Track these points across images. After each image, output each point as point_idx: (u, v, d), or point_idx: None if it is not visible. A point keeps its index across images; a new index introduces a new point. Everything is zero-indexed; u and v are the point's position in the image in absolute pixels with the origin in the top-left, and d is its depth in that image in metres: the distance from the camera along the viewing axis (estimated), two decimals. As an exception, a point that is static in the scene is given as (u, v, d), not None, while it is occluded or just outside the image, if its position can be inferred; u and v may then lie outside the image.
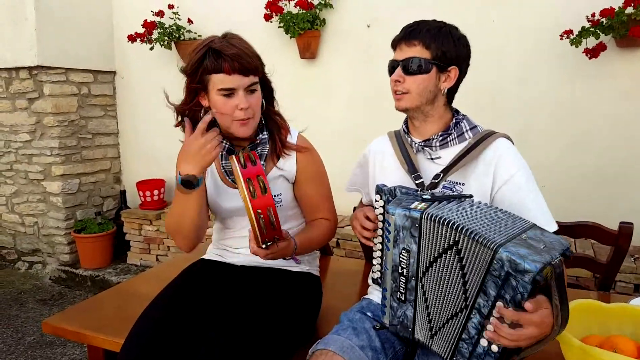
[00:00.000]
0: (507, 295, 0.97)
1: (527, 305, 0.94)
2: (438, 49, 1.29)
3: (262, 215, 1.20)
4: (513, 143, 1.37)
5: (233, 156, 1.27)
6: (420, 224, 1.10)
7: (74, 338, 1.53)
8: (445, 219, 1.06)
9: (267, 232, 1.24)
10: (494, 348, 1.02)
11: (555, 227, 1.27)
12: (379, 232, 1.29)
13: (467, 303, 1.05)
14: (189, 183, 1.34)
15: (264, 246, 1.26)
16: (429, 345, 1.16)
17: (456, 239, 1.05)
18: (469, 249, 1.03)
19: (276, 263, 1.54)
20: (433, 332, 1.14)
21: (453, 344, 1.10)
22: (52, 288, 3.90)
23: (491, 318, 1.00)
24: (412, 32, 1.31)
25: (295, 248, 1.39)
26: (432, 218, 1.08)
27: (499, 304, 0.98)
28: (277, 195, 1.50)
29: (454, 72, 1.33)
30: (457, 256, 1.06)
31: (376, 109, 3.21)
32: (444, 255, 1.08)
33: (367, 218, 1.32)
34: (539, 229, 1.08)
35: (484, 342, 1.03)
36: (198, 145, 1.30)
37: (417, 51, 1.30)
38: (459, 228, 1.04)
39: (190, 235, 1.47)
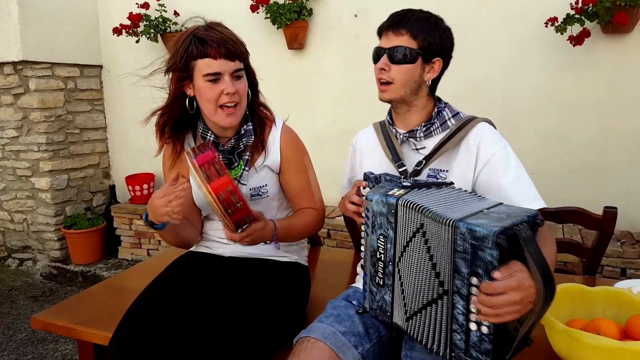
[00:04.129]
0: (480, 270, 0.95)
1: (496, 273, 0.92)
2: (425, 40, 1.29)
3: (223, 196, 1.20)
4: (495, 127, 1.37)
5: (185, 153, 1.26)
6: (396, 209, 1.11)
7: (64, 333, 1.53)
8: (417, 204, 1.07)
9: (235, 213, 1.22)
10: (484, 330, 0.97)
11: (540, 205, 1.26)
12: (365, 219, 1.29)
13: (445, 288, 1.03)
14: (153, 225, 1.36)
15: (239, 231, 1.27)
16: (407, 330, 1.16)
17: (421, 222, 1.06)
18: (432, 230, 1.04)
19: (263, 253, 1.55)
20: (407, 316, 1.14)
21: (445, 337, 1.06)
22: (43, 284, 3.88)
23: (472, 294, 0.97)
24: (400, 21, 1.31)
25: (275, 229, 1.39)
26: (408, 204, 1.09)
27: (474, 280, 0.96)
28: (263, 186, 1.51)
29: (438, 63, 1.33)
30: (423, 238, 1.06)
31: (365, 100, 3.20)
32: (413, 239, 1.09)
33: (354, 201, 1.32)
34: (505, 206, 1.07)
35: (473, 326, 0.99)
36: (157, 204, 1.28)
37: (404, 40, 1.30)
38: (424, 210, 1.05)
39: (182, 245, 1.58)
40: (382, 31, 1.35)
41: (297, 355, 1.18)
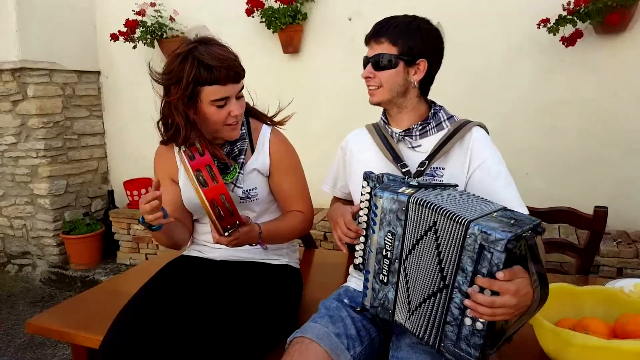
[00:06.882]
0: (484, 269, 0.99)
1: (499, 274, 0.96)
2: (405, 45, 1.35)
3: (216, 203, 1.22)
4: (487, 132, 1.43)
5: (181, 151, 1.28)
6: (407, 207, 1.13)
7: (57, 337, 1.54)
8: (430, 203, 1.09)
9: (226, 219, 1.25)
10: (479, 325, 1.01)
11: (525, 211, 1.31)
12: (364, 217, 1.31)
13: (447, 283, 1.06)
14: (150, 227, 1.36)
15: (226, 234, 1.29)
16: (407, 325, 1.16)
17: (435, 220, 1.08)
18: (444, 228, 1.06)
19: (254, 256, 1.56)
20: (410, 313, 1.15)
21: (438, 329, 1.08)
22: (42, 290, 3.89)
23: (469, 289, 1.01)
24: (380, 30, 1.37)
25: (260, 233, 1.41)
26: (419, 202, 1.11)
27: (478, 277, 1.00)
28: (252, 189, 1.51)
29: (422, 64, 1.37)
30: (434, 236, 1.08)
31: (360, 103, 3.20)
32: (424, 237, 1.10)
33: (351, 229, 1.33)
34: (509, 211, 1.11)
35: (468, 321, 1.03)
36: (144, 208, 1.29)
37: (384, 48, 1.36)
38: (437, 208, 1.07)
39: (174, 246, 1.57)
40: (367, 41, 1.43)
41: (291, 355, 1.19)
